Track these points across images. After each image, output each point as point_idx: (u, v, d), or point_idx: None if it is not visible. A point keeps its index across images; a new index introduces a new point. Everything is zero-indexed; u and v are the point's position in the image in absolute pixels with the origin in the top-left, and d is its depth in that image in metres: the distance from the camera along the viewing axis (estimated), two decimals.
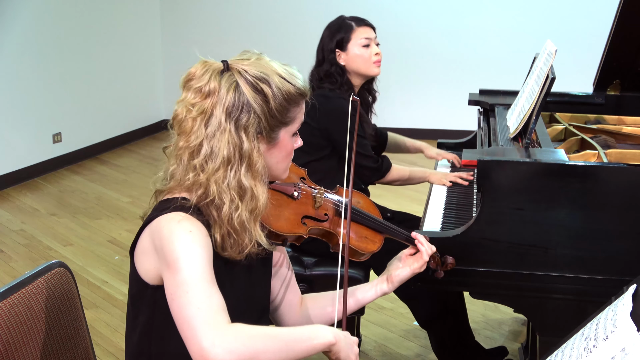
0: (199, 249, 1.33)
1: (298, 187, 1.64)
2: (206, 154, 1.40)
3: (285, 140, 1.49)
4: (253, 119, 1.41)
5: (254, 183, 1.42)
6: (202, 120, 1.40)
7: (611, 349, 1.00)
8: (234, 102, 1.40)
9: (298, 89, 1.46)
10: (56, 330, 1.56)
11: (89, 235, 4.37)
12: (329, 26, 2.76)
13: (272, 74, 1.44)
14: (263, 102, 1.42)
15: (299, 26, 6.61)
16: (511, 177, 1.96)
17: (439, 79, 6.54)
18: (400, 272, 1.71)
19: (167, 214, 1.38)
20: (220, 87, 1.40)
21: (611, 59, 2.76)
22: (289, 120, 1.48)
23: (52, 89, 5.66)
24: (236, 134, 1.40)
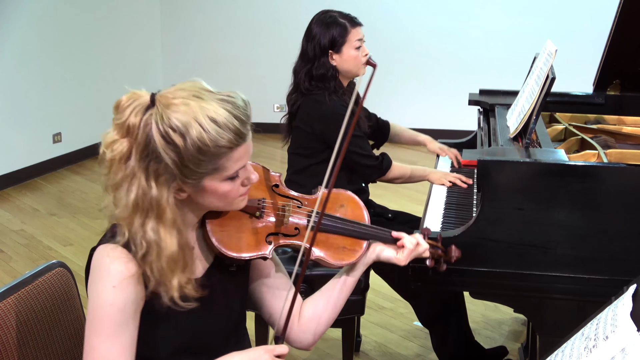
0: (118, 311, 1.33)
1: (262, 204, 1.53)
2: (122, 195, 1.35)
3: (214, 186, 1.37)
4: (163, 169, 1.33)
5: (164, 233, 1.34)
6: (120, 161, 1.34)
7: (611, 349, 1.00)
8: (144, 148, 1.32)
9: (217, 142, 1.32)
10: (56, 330, 1.56)
11: (89, 235, 4.37)
12: (320, 22, 2.67)
13: (191, 123, 1.31)
14: (174, 152, 1.31)
15: (299, 26, 6.58)
16: (511, 177, 1.96)
17: (439, 79, 6.54)
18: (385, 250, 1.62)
19: (105, 245, 1.38)
20: (140, 126, 1.32)
21: (611, 59, 2.76)
22: (210, 170, 1.35)
23: (52, 89, 5.66)
24: (146, 180, 1.33)
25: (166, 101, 1.33)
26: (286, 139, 2.82)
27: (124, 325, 1.34)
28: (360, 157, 2.64)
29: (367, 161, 2.66)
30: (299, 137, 2.72)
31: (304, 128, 2.68)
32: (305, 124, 2.67)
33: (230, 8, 6.83)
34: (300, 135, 2.71)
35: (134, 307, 1.36)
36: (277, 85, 6.81)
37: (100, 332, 1.34)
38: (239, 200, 1.44)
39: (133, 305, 1.35)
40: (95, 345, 1.34)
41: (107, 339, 1.33)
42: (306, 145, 2.69)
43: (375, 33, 2.83)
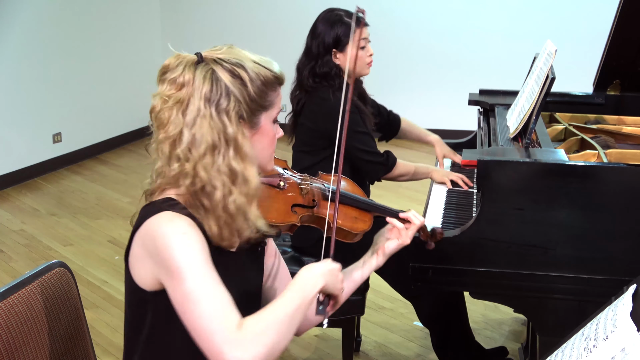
0: (197, 252, 1.32)
1: (283, 176, 1.65)
2: (188, 141, 1.38)
3: (267, 125, 1.47)
4: (233, 103, 1.40)
5: (244, 166, 1.41)
6: (179, 110, 1.39)
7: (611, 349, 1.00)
8: (211, 88, 1.40)
9: (274, 73, 1.46)
10: (56, 330, 1.56)
11: (89, 235, 4.37)
12: (325, 20, 2.67)
13: (247, 60, 1.44)
14: (241, 86, 1.41)
15: (300, 26, 6.58)
16: (511, 177, 1.96)
17: (439, 79, 6.53)
18: (389, 244, 1.69)
19: (154, 216, 1.36)
20: (195, 77, 1.40)
21: (611, 59, 2.76)
22: (268, 105, 1.46)
23: (52, 89, 5.65)
24: (218, 118, 1.39)
25: (215, 53, 1.45)
26: (290, 137, 2.81)
27: (207, 264, 1.32)
28: (365, 154, 2.64)
29: (373, 158, 2.66)
30: (303, 134, 2.72)
31: (308, 125, 2.67)
32: (310, 121, 2.66)
33: (230, 8, 6.83)
34: (304, 132, 2.71)
35: (207, 252, 1.35)
36: None
37: (189, 276, 1.30)
38: (272, 156, 1.54)
39: (206, 251, 1.35)
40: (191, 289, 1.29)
41: (200, 279, 1.30)
42: (310, 143, 2.69)
43: (376, 33, 2.82)
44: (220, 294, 1.30)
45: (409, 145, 6.42)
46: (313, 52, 2.67)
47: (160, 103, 1.41)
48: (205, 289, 1.30)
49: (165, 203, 1.39)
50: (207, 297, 1.29)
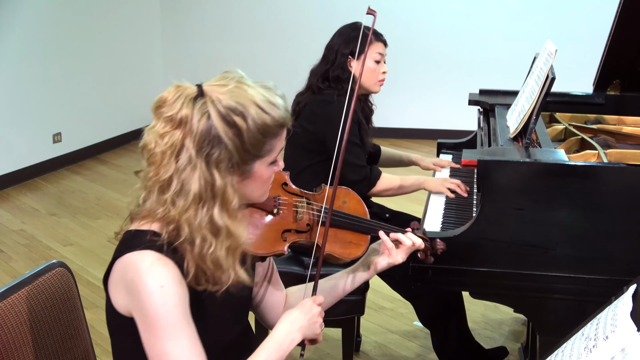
0: (174, 308, 1.30)
1: (278, 201, 1.57)
2: (176, 190, 1.33)
3: (260, 171, 1.40)
4: (225, 155, 1.33)
5: (230, 221, 1.35)
6: (172, 154, 1.32)
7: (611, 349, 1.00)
8: (204, 135, 1.32)
9: (276, 120, 1.37)
10: (56, 330, 1.56)
11: (89, 235, 4.37)
12: (345, 32, 2.69)
13: (250, 105, 1.34)
14: (236, 136, 1.33)
15: (299, 26, 6.60)
16: (511, 177, 1.96)
17: (439, 79, 6.54)
18: (380, 261, 1.66)
19: (137, 252, 1.32)
20: (193, 116, 1.32)
21: (611, 59, 2.76)
22: (264, 153, 1.39)
23: (52, 89, 5.65)
24: (207, 170, 1.32)
25: (217, 89, 1.35)
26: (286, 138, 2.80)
27: (184, 320, 1.32)
28: (350, 168, 2.57)
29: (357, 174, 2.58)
30: (299, 135, 2.71)
31: (306, 126, 2.66)
32: (309, 122, 2.65)
33: (230, 8, 6.83)
34: (300, 133, 2.70)
35: (185, 303, 1.33)
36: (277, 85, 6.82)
37: (164, 335, 1.30)
38: (267, 191, 1.49)
39: (184, 301, 1.33)
40: (164, 350, 1.30)
41: (175, 338, 1.30)
42: (305, 146, 2.68)
43: None
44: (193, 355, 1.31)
45: (408, 145, 6.43)
46: (329, 59, 2.68)
47: (154, 143, 1.34)
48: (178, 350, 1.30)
49: (149, 238, 1.34)
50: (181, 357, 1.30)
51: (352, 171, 2.58)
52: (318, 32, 2.78)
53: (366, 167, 2.63)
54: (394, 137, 6.53)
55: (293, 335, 1.43)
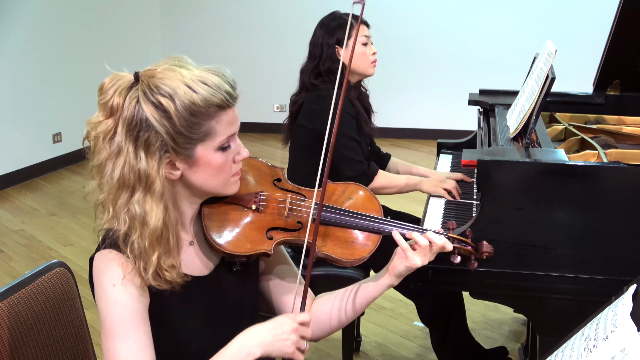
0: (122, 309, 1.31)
1: (259, 196, 1.48)
2: (108, 174, 1.33)
3: (207, 156, 1.35)
4: (154, 137, 1.30)
5: (150, 205, 1.32)
6: (104, 139, 1.33)
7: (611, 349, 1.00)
8: (132, 119, 1.31)
9: (207, 100, 1.31)
10: (56, 330, 1.56)
11: (89, 235, 4.37)
12: (326, 23, 2.68)
13: (178, 85, 1.30)
14: (164, 118, 1.30)
15: (299, 26, 6.59)
16: (511, 177, 1.96)
17: (439, 79, 6.54)
18: (397, 265, 1.51)
19: (97, 254, 1.37)
20: (124, 103, 1.32)
21: (611, 59, 2.76)
22: (202, 136, 1.33)
23: (52, 89, 5.66)
24: (134, 153, 1.31)
25: (150, 73, 1.33)
26: (287, 141, 2.80)
27: (135, 322, 1.33)
28: (347, 163, 2.54)
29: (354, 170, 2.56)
30: (300, 136, 2.71)
31: (306, 125, 2.65)
32: (308, 120, 2.64)
33: (230, 8, 6.83)
34: (301, 133, 2.69)
35: (139, 304, 1.34)
36: (277, 85, 6.82)
37: (111, 334, 1.32)
38: (233, 181, 1.42)
39: (137, 303, 1.34)
40: (111, 349, 1.32)
41: (121, 339, 1.31)
42: (306, 145, 2.67)
43: (375, 33, 2.82)
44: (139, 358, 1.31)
45: (408, 145, 6.43)
46: (316, 54, 2.66)
47: (89, 129, 1.35)
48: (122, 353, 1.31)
49: (110, 236, 1.36)
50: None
51: (348, 166, 2.55)
52: None
53: (363, 163, 2.61)
54: (394, 137, 6.53)
55: (250, 350, 1.34)
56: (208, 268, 1.48)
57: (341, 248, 1.50)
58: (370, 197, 1.59)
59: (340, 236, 1.51)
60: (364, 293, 1.56)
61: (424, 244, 1.50)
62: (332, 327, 1.60)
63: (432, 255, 1.52)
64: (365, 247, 1.51)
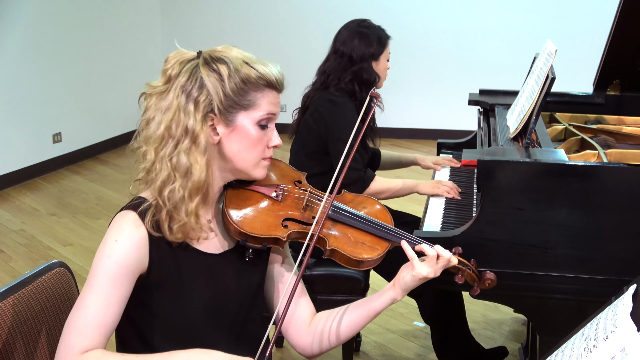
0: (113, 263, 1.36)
1: (282, 187, 1.56)
2: (152, 127, 1.42)
3: (246, 127, 1.43)
4: (205, 96, 1.40)
5: (195, 158, 1.40)
6: (158, 97, 1.43)
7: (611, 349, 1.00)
8: (188, 78, 1.41)
9: (260, 74, 1.43)
10: (56, 330, 1.56)
11: (89, 235, 4.37)
12: (364, 32, 2.68)
13: (235, 58, 1.43)
14: (218, 80, 1.41)
15: (299, 26, 6.61)
16: (511, 177, 1.96)
17: (439, 79, 6.54)
18: (404, 276, 1.54)
19: (120, 212, 1.43)
20: (182, 71, 1.42)
21: (611, 59, 2.76)
22: (247, 104, 1.43)
23: (52, 89, 5.66)
24: (185, 107, 1.40)
25: (212, 49, 1.46)
26: (292, 134, 2.80)
27: (116, 281, 1.36)
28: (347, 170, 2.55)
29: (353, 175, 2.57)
30: (303, 133, 2.71)
31: (310, 123, 2.66)
32: (313, 120, 2.65)
33: (230, 8, 6.84)
34: (305, 131, 2.70)
35: (132, 268, 1.38)
36: None
37: (90, 281, 1.36)
38: (262, 164, 1.48)
39: (131, 266, 1.37)
40: (83, 294, 1.36)
41: (94, 290, 1.35)
42: (307, 142, 2.68)
43: None
44: (96, 314, 1.34)
45: (408, 145, 6.43)
46: (354, 58, 2.66)
47: (147, 89, 1.45)
48: (88, 301, 1.35)
49: (134, 201, 1.44)
50: (84, 309, 1.34)
51: (347, 173, 2.55)
52: (318, 32, 2.78)
53: (360, 170, 2.63)
54: (394, 137, 6.53)
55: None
56: (220, 249, 1.50)
57: (350, 246, 1.54)
58: (384, 210, 1.66)
59: (351, 235, 1.56)
60: (368, 307, 1.60)
61: (432, 255, 1.53)
62: (330, 344, 1.60)
63: (439, 270, 1.55)
64: (373, 250, 1.55)
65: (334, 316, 1.60)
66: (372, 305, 1.60)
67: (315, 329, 1.59)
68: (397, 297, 1.57)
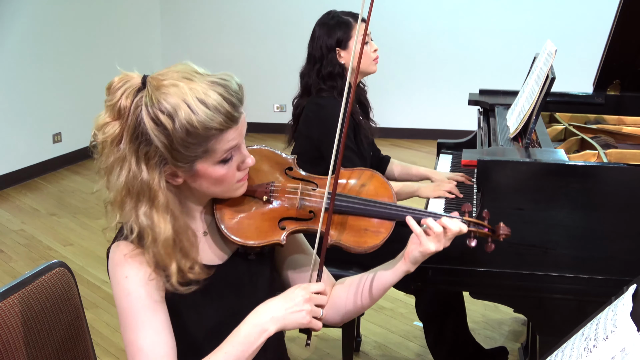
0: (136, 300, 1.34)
1: (270, 187, 1.48)
2: (113, 179, 1.35)
3: (207, 170, 1.36)
4: (154, 152, 1.32)
5: (157, 218, 1.34)
6: (112, 143, 1.34)
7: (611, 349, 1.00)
8: (135, 130, 1.32)
9: (207, 124, 1.30)
10: (56, 330, 1.56)
11: (89, 235, 4.37)
12: (324, 23, 2.63)
13: (180, 105, 1.29)
14: (163, 135, 1.30)
15: (299, 26, 6.59)
16: (511, 177, 1.96)
17: (439, 79, 6.54)
18: (412, 251, 1.48)
19: (113, 245, 1.40)
20: (131, 108, 1.32)
21: (611, 59, 2.76)
22: (201, 153, 1.33)
23: (52, 89, 5.66)
24: (136, 163, 1.33)
25: (157, 83, 1.32)
26: (289, 144, 2.78)
27: (150, 310, 1.34)
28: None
29: None
30: (299, 140, 2.69)
31: (304, 132, 2.63)
32: (306, 127, 2.62)
33: (230, 8, 6.83)
34: (301, 140, 2.67)
35: (154, 292, 1.35)
36: (277, 85, 6.83)
37: (130, 324, 1.34)
38: (237, 186, 1.43)
39: (152, 291, 1.35)
40: (130, 339, 1.34)
41: (138, 329, 1.33)
42: (304, 151, 2.64)
43: (375, 33, 2.81)
44: (154, 349, 1.32)
45: (408, 145, 6.43)
46: (316, 56, 2.61)
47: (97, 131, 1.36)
48: (141, 343, 1.32)
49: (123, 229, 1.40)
50: (142, 353, 1.32)
51: None
52: None
53: None
54: (394, 137, 6.53)
55: (263, 327, 1.34)
56: (222, 257, 1.49)
57: (353, 236, 1.49)
58: (383, 183, 1.57)
59: (352, 224, 1.50)
60: (381, 279, 1.54)
61: (438, 231, 1.46)
62: (347, 311, 1.58)
63: (448, 241, 1.48)
64: (378, 235, 1.49)
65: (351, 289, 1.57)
66: (385, 280, 1.53)
67: (335, 301, 1.58)
68: (410, 270, 1.52)
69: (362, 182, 1.56)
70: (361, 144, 2.63)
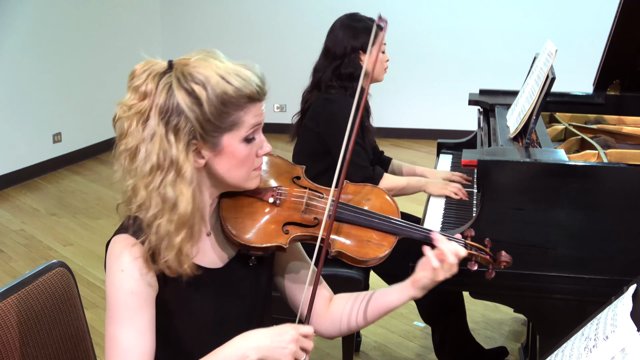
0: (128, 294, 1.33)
1: (277, 191, 1.49)
2: (142, 158, 1.35)
3: (232, 146, 1.37)
4: (184, 123, 1.33)
5: (180, 189, 1.34)
6: (138, 122, 1.35)
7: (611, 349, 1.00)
8: (165, 104, 1.33)
9: (239, 90, 1.34)
10: (56, 330, 1.56)
11: (89, 235, 4.37)
12: (349, 24, 2.64)
13: (211, 74, 1.33)
14: (195, 104, 1.32)
15: (299, 26, 6.60)
16: (511, 177, 1.96)
17: (439, 79, 6.54)
18: (420, 277, 1.50)
19: (114, 237, 1.38)
20: (157, 88, 1.34)
21: (611, 59, 2.76)
22: (230, 126, 1.35)
23: (52, 89, 5.66)
24: (166, 137, 1.33)
25: (185, 62, 1.36)
26: (293, 137, 2.79)
27: (138, 309, 1.34)
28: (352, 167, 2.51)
29: (360, 173, 2.55)
30: (305, 136, 2.70)
31: (310, 126, 2.65)
32: (313, 122, 2.64)
33: (230, 8, 6.84)
34: (307, 134, 2.69)
35: (145, 290, 1.35)
36: (277, 85, 6.81)
37: (115, 319, 1.34)
38: (253, 175, 1.44)
39: (144, 289, 1.35)
40: (111, 333, 1.34)
41: (122, 325, 1.33)
42: (309, 146, 2.67)
43: None
44: (134, 348, 1.32)
45: (408, 145, 6.43)
46: (337, 53, 2.62)
47: (121, 112, 1.37)
48: (121, 338, 1.33)
49: (127, 223, 1.38)
50: (119, 348, 1.32)
51: (354, 170, 2.55)
52: (319, 31, 2.77)
53: (369, 168, 2.61)
54: (394, 137, 6.53)
55: (245, 351, 1.33)
56: (222, 260, 1.48)
57: (356, 247, 1.49)
58: (387, 201, 1.59)
59: (355, 234, 1.51)
60: (384, 301, 1.55)
61: (452, 261, 1.48)
62: (341, 330, 1.59)
63: (455, 267, 1.50)
64: (380, 248, 1.50)
65: (351, 306, 1.58)
66: (389, 303, 1.55)
67: (333, 315, 1.58)
68: (417, 296, 1.54)
69: (367, 197, 1.58)
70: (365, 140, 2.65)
